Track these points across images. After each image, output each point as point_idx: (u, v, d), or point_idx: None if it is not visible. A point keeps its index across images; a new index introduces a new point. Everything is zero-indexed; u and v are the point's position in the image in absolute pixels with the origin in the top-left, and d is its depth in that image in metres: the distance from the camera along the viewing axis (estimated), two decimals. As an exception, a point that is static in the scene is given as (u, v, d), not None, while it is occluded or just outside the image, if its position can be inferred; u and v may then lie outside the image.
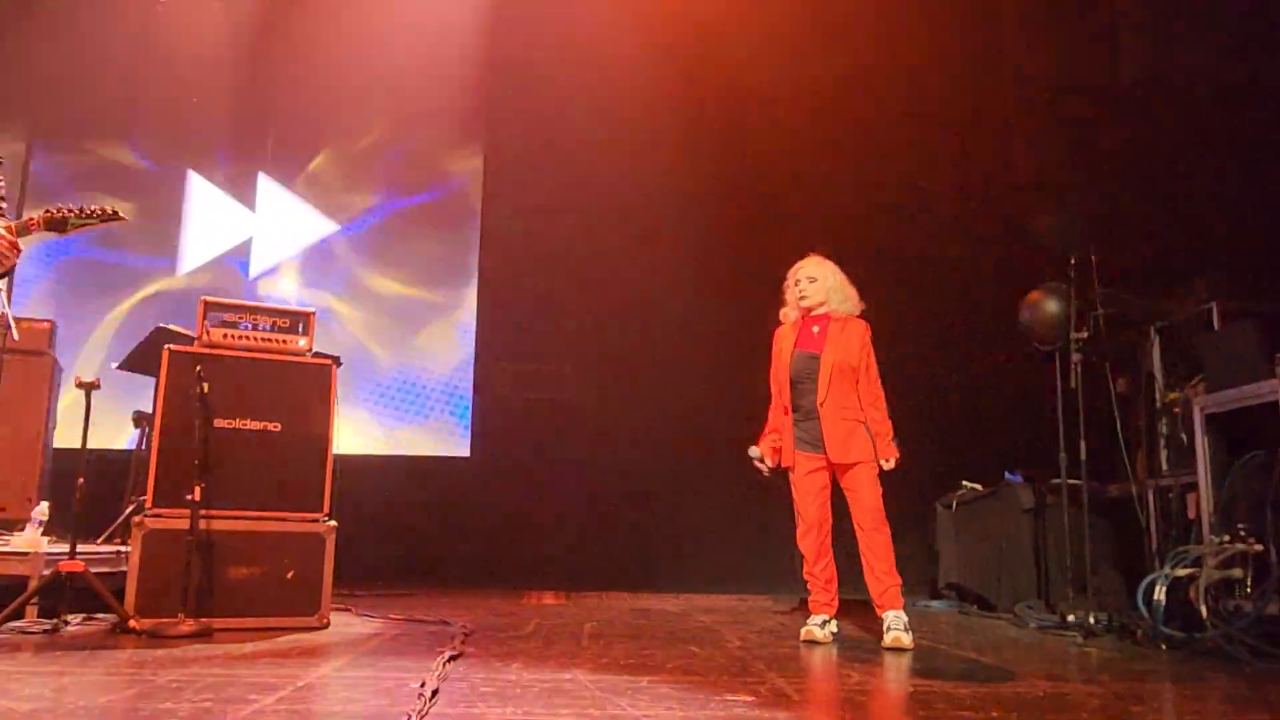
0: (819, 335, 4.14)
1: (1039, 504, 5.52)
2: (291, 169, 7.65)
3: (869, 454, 3.98)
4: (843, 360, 4.05)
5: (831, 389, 4.03)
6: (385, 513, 6.71)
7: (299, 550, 4.07)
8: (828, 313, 4.18)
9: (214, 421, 3.98)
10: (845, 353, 4.06)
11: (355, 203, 7.66)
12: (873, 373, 4.11)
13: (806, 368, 4.11)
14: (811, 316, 4.21)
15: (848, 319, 4.16)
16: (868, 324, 4.19)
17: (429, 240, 7.62)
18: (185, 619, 3.68)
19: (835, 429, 4.00)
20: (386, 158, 7.71)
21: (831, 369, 4.04)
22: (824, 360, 4.06)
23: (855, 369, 4.05)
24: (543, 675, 2.89)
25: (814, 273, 4.22)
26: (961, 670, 3.29)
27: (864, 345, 4.10)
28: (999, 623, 5.05)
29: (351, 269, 7.53)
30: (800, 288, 4.23)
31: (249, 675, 2.77)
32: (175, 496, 3.84)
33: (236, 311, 4.22)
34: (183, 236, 7.46)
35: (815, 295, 4.19)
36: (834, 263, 4.28)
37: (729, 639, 3.97)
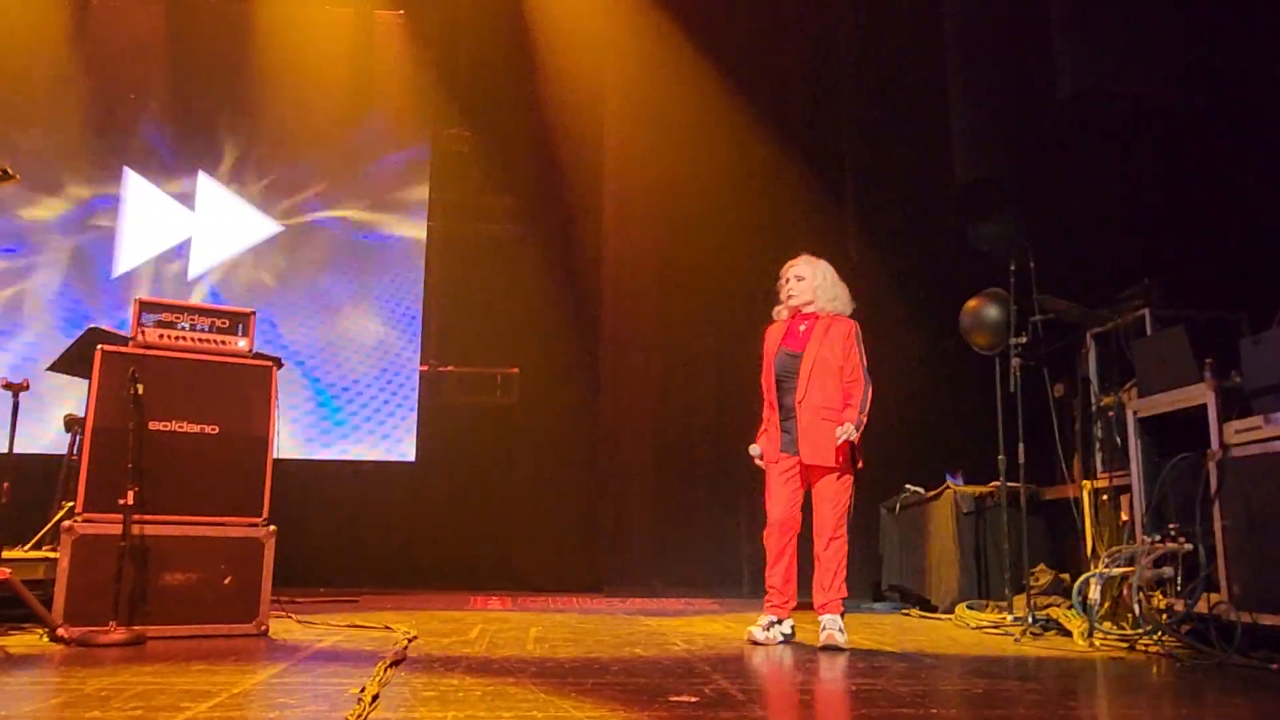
0: (804, 334, 4.14)
1: (979, 506, 5.63)
2: (234, 167, 7.51)
3: (839, 458, 3.98)
4: (824, 358, 4.04)
5: (810, 387, 4.02)
6: (328, 517, 6.61)
7: (237, 555, 3.97)
8: (816, 311, 4.19)
9: (149, 424, 3.87)
10: (827, 351, 4.06)
11: (298, 202, 7.54)
12: (856, 370, 4.06)
13: (788, 365, 4.11)
14: (800, 315, 4.21)
15: (835, 318, 4.16)
16: (856, 323, 4.18)
17: (374, 242, 7.53)
18: (117, 627, 3.57)
19: (810, 429, 3.99)
20: (331, 157, 7.60)
21: (811, 367, 4.04)
22: (805, 358, 4.07)
23: (838, 368, 4.04)
24: (486, 679, 2.86)
25: (803, 271, 4.23)
26: (903, 669, 3.32)
27: (847, 342, 4.08)
28: (940, 623, 5.12)
29: (294, 270, 7.41)
30: (789, 286, 4.23)
31: (181, 683, 2.70)
32: (107, 501, 3.73)
33: (173, 311, 4.12)
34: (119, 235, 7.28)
35: (803, 294, 4.19)
36: (826, 262, 4.30)
37: (675, 642, 3.97)
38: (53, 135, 7.25)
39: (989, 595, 5.47)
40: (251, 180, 7.52)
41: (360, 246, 7.50)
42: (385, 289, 7.46)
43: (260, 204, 7.48)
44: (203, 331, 4.13)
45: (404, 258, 7.53)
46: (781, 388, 4.13)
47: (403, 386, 7.32)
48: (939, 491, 5.89)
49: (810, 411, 4.01)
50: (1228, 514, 3.70)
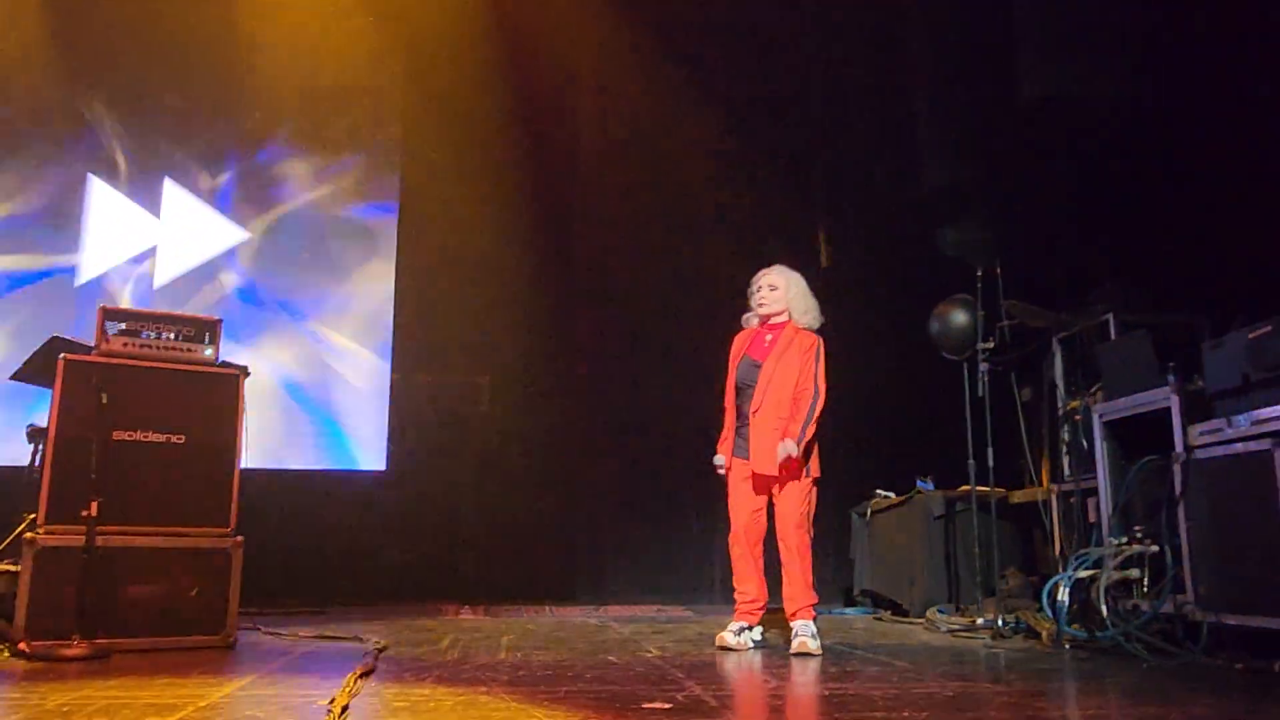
0: (769, 344, 4.16)
1: (949, 510, 5.67)
2: (201, 175, 7.42)
3: (795, 466, 3.99)
4: (782, 371, 4.05)
5: (766, 399, 4.04)
6: (297, 528, 6.53)
7: (203, 567, 3.92)
8: (785, 323, 4.20)
9: (114, 434, 3.82)
10: (786, 363, 4.06)
11: (266, 211, 7.46)
12: (810, 383, 4.04)
13: (749, 374, 4.13)
14: (769, 325, 4.22)
15: (800, 331, 4.17)
16: (819, 338, 4.18)
17: (343, 249, 7.47)
18: (80, 640, 3.51)
19: (762, 439, 4.01)
20: (300, 163, 7.53)
21: (770, 378, 4.05)
22: (764, 369, 4.08)
23: (794, 381, 4.04)
24: (457, 688, 2.84)
25: (776, 281, 4.24)
26: (875, 673, 3.34)
27: (807, 355, 4.07)
28: (911, 627, 5.15)
29: (263, 278, 7.33)
30: (761, 295, 4.24)
31: (146, 696, 2.66)
32: (70, 513, 3.66)
33: (138, 320, 4.06)
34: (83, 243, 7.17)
35: (774, 304, 4.20)
36: (799, 274, 4.30)
37: (648, 649, 3.96)
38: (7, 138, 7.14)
39: (959, 599, 5.51)
40: (219, 187, 7.43)
41: (330, 253, 7.44)
42: (356, 296, 7.40)
43: (229, 211, 7.40)
44: (168, 340, 4.07)
45: (375, 265, 7.47)
46: (741, 395, 4.16)
47: (373, 395, 7.26)
48: (909, 496, 5.93)
49: (762, 422, 4.04)
50: (1192, 516, 3.76)
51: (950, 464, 5.65)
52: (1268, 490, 3.36)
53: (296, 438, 7.10)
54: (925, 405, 6.39)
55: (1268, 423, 3.40)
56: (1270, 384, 3.45)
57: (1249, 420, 3.50)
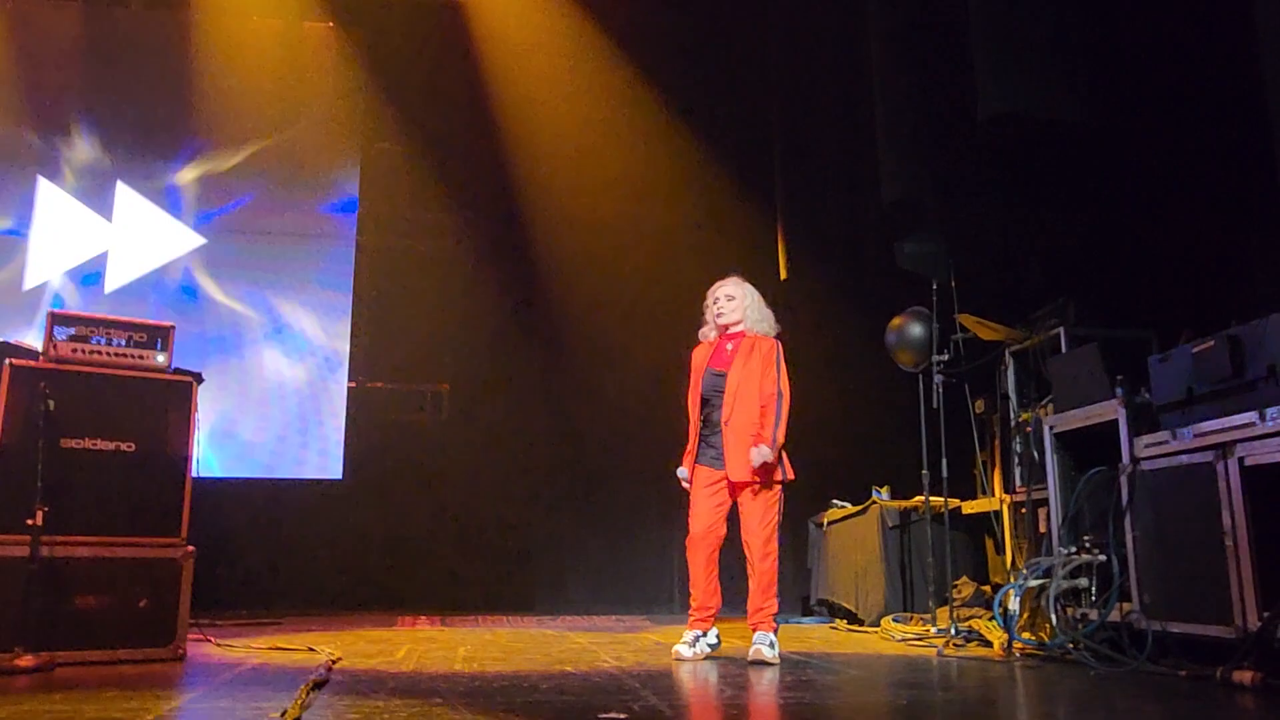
0: (730, 354, 4.19)
1: (903, 520, 5.74)
2: (154, 177, 7.31)
3: (763, 475, 4.02)
4: (747, 379, 4.10)
5: (736, 407, 4.08)
6: (251, 538, 6.45)
7: (153, 577, 3.84)
8: (743, 331, 4.23)
9: (61, 441, 3.74)
10: (750, 370, 4.11)
11: (223, 215, 7.37)
12: (774, 386, 4.10)
13: (714, 385, 4.16)
14: (727, 335, 4.26)
15: (759, 337, 4.21)
16: (779, 342, 4.23)
17: (301, 256, 7.40)
18: (24, 653, 3.43)
19: (736, 448, 4.04)
20: (257, 169, 7.45)
21: (737, 387, 4.09)
22: (730, 378, 4.11)
23: (759, 387, 4.09)
24: (412, 700, 2.81)
25: (733, 291, 4.28)
26: (830, 682, 3.37)
27: (769, 361, 4.14)
28: (866, 636, 5.20)
29: (218, 283, 7.23)
30: (719, 305, 4.27)
31: (93, 710, 2.60)
32: (14, 521, 3.58)
33: (88, 325, 3.98)
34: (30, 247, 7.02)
35: (732, 314, 4.24)
36: (752, 285, 4.35)
37: (605, 659, 3.96)
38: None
39: (913, 608, 5.57)
40: (174, 191, 7.32)
41: (287, 260, 7.36)
42: (313, 303, 7.33)
43: (183, 216, 7.29)
44: (119, 346, 4.00)
45: (332, 272, 7.41)
46: (708, 404, 4.19)
47: (330, 403, 7.18)
48: (865, 506, 6.00)
49: (736, 431, 4.07)
50: (1138, 526, 3.84)
51: (905, 474, 5.73)
52: (1210, 501, 3.44)
53: (251, 446, 7.00)
54: (881, 416, 6.47)
55: (1210, 435, 3.49)
56: (1213, 398, 3.54)
57: (1193, 433, 3.58)
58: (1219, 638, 3.38)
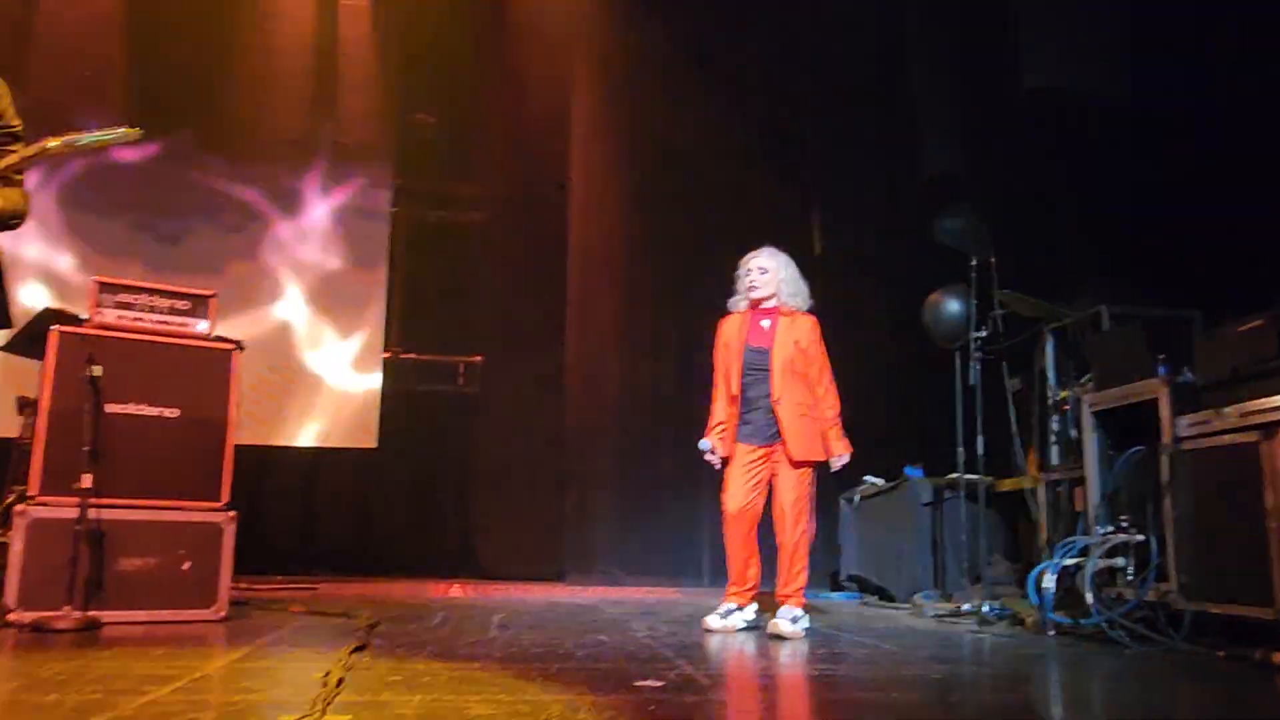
0: (769, 330, 4.13)
1: (937, 497, 5.71)
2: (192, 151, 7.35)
3: (809, 452, 4.00)
4: (794, 355, 4.06)
5: (785, 385, 4.03)
6: (288, 504, 6.55)
7: (196, 540, 3.92)
8: (777, 306, 4.17)
9: (106, 406, 3.80)
10: (794, 348, 4.07)
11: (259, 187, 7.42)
12: (825, 368, 4.10)
13: (755, 361, 4.09)
14: (761, 310, 4.19)
15: (796, 313, 4.15)
16: (816, 318, 4.19)
17: (337, 229, 7.45)
18: (71, 612, 3.51)
19: (795, 425, 3.99)
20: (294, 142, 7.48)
21: (783, 364, 4.05)
22: (775, 356, 4.06)
23: (805, 364, 4.06)
24: (451, 664, 2.86)
25: (766, 264, 4.19)
26: (863, 656, 3.37)
27: (814, 340, 4.11)
28: (898, 612, 5.20)
29: (256, 254, 7.30)
30: (751, 278, 4.19)
31: (141, 667, 2.67)
32: (63, 485, 3.66)
33: (132, 292, 4.04)
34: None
35: (766, 287, 4.16)
36: (787, 255, 4.28)
37: (637, 629, 3.99)
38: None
39: (946, 585, 5.56)
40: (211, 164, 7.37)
41: (323, 233, 7.41)
42: (349, 275, 7.38)
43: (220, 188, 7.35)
44: (162, 313, 4.06)
45: (367, 244, 7.45)
46: (746, 381, 4.13)
47: (366, 373, 7.25)
48: (898, 483, 5.98)
49: (791, 409, 4.02)
50: (1177, 505, 3.80)
51: (939, 452, 5.69)
52: (1253, 482, 3.39)
53: (290, 413, 7.10)
54: (915, 393, 6.43)
55: (1255, 415, 3.44)
56: (1259, 377, 3.48)
57: (1237, 412, 3.53)
58: (1258, 619, 3.35)
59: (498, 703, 2.27)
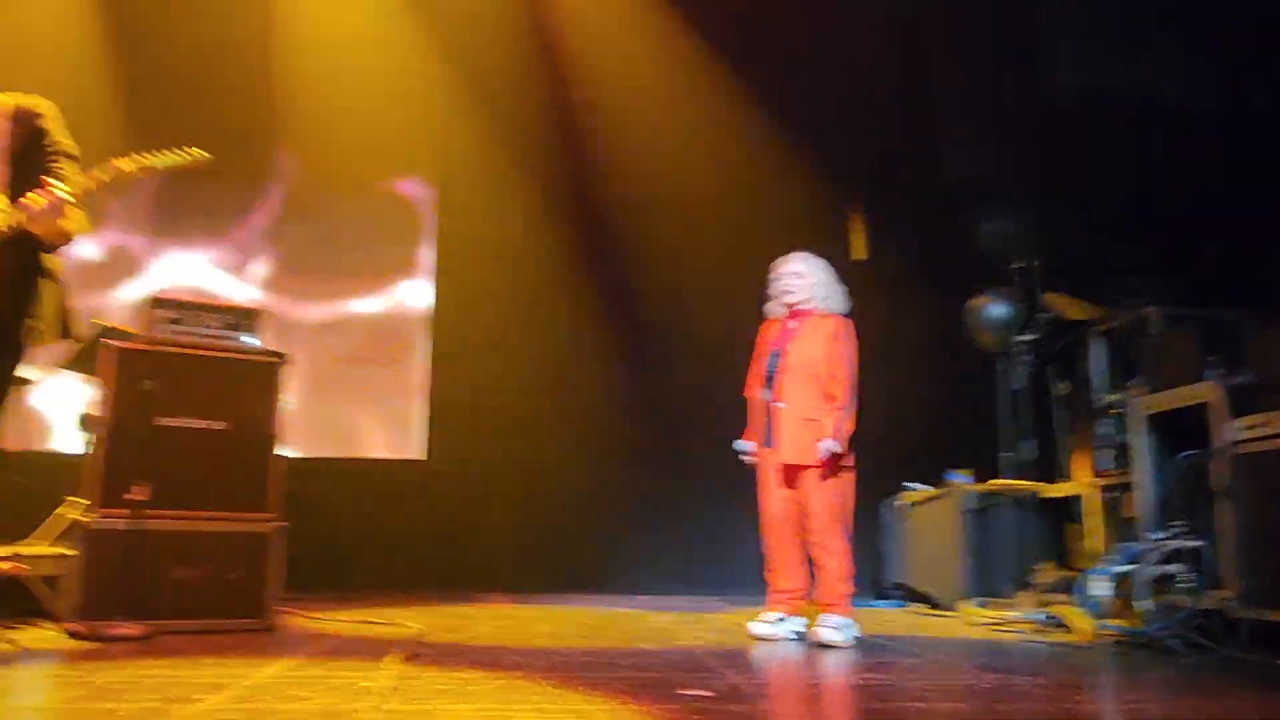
0: (793, 332, 4.13)
1: (983, 503, 5.64)
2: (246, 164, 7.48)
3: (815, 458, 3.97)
4: (806, 358, 4.02)
5: (792, 387, 4.01)
6: (335, 515, 6.60)
7: (244, 551, 3.98)
8: (811, 310, 4.16)
9: (159, 420, 3.89)
10: (810, 349, 4.03)
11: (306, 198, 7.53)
12: (838, 369, 4.00)
13: (775, 364, 4.10)
14: (795, 314, 4.18)
15: (824, 315, 4.12)
16: (845, 320, 4.13)
17: (381, 239, 7.53)
18: (126, 621, 3.59)
19: (789, 429, 3.99)
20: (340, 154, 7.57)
21: (792, 367, 4.03)
22: (788, 357, 4.07)
23: (818, 367, 4.00)
24: (497, 673, 2.87)
25: (799, 268, 4.18)
26: (911, 665, 3.34)
27: (831, 340, 4.03)
28: (944, 620, 5.14)
29: (305, 266, 7.40)
30: (783, 283, 4.19)
31: (194, 675, 2.72)
32: (117, 496, 3.74)
33: (183, 308, 4.13)
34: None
35: (799, 292, 4.15)
36: (822, 259, 4.25)
37: (682, 637, 3.98)
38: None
39: (994, 592, 5.48)
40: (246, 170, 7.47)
41: (371, 245, 7.50)
42: (396, 287, 7.46)
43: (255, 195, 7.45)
44: (212, 328, 4.14)
45: (416, 256, 7.53)
46: (771, 386, 4.13)
47: (412, 384, 7.32)
48: (942, 489, 5.91)
49: (788, 412, 4.00)
50: (1233, 511, 3.72)
51: (984, 456, 5.62)
52: (1312, 486, 3.31)
53: (336, 425, 7.19)
54: (958, 398, 6.36)
55: (1313, 418, 3.36)
56: (1316, 378, 3.40)
57: (1294, 415, 3.45)
58: (1320, 627, 3.26)
59: (544, 712, 2.28)
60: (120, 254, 7.20)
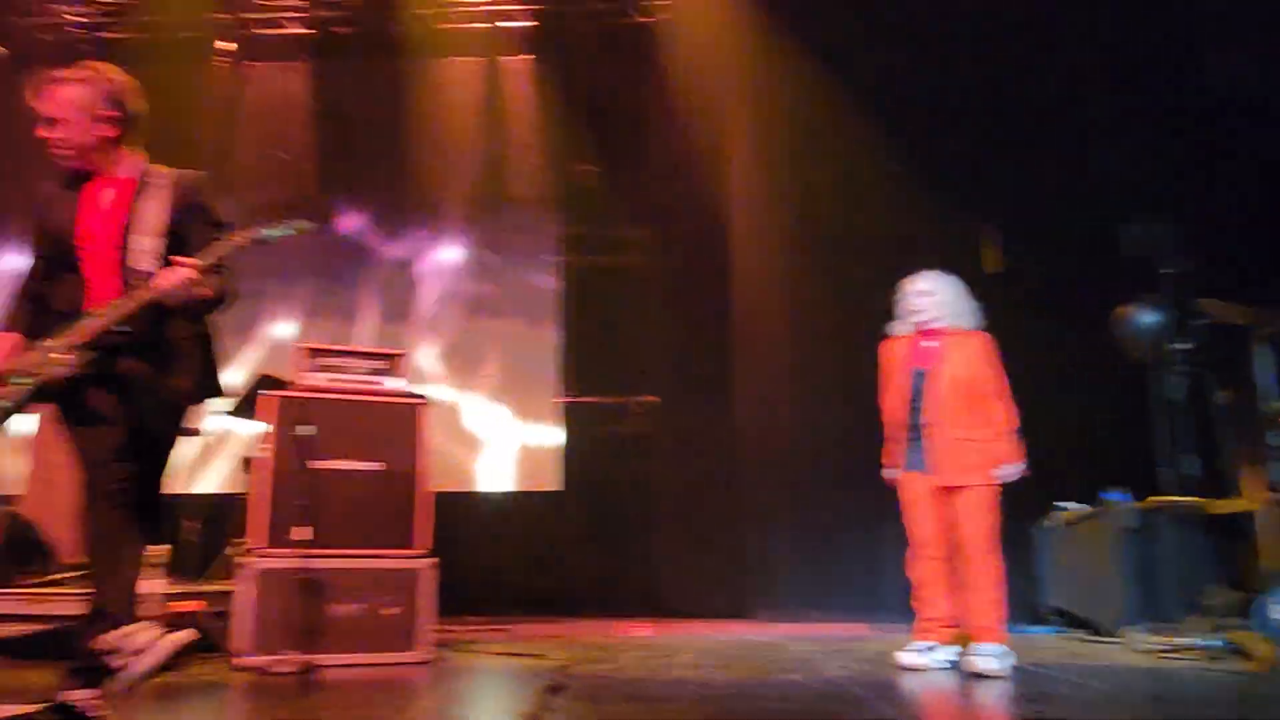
0: (932, 352, 4.02)
1: (1143, 522, 5.33)
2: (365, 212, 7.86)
3: (980, 476, 3.86)
4: (957, 377, 3.92)
5: (943, 408, 3.91)
6: (477, 547, 6.80)
7: (398, 586, 4.14)
8: (944, 328, 4.06)
9: (316, 463, 4.10)
10: (960, 369, 3.93)
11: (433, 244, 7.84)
12: (996, 387, 3.91)
13: (917, 386, 4.01)
14: (925, 332, 4.09)
15: (964, 333, 4.02)
16: (989, 336, 4.03)
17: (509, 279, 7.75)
18: (291, 656, 3.78)
19: (944, 449, 3.88)
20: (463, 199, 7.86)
21: (943, 387, 3.94)
22: (936, 377, 3.96)
23: (972, 386, 3.91)
24: (643, 705, 2.89)
25: (928, 286, 4.08)
26: (1072, 695, 3.18)
27: (984, 359, 3.94)
28: (1106, 647, 4.87)
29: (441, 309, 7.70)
30: (911, 301, 4.10)
31: (358, 710, 2.84)
32: (280, 536, 3.97)
33: (334, 355, 4.37)
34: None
35: (929, 310, 4.04)
36: (953, 276, 4.14)
37: (828, 667, 3.91)
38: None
39: (1159, 616, 5.16)
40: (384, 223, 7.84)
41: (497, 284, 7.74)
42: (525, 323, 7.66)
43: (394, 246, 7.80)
44: (360, 373, 4.36)
45: (539, 292, 7.72)
46: (913, 407, 4.02)
47: (548, 418, 7.50)
48: (1097, 508, 5.62)
49: (943, 432, 3.89)
50: None
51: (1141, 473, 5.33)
52: None
53: (476, 460, 7.42)
54: (1110, 412, 6.05)
55: None
56: None
57: None
58: None
59: (695, 746, 2.29)
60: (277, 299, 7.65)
